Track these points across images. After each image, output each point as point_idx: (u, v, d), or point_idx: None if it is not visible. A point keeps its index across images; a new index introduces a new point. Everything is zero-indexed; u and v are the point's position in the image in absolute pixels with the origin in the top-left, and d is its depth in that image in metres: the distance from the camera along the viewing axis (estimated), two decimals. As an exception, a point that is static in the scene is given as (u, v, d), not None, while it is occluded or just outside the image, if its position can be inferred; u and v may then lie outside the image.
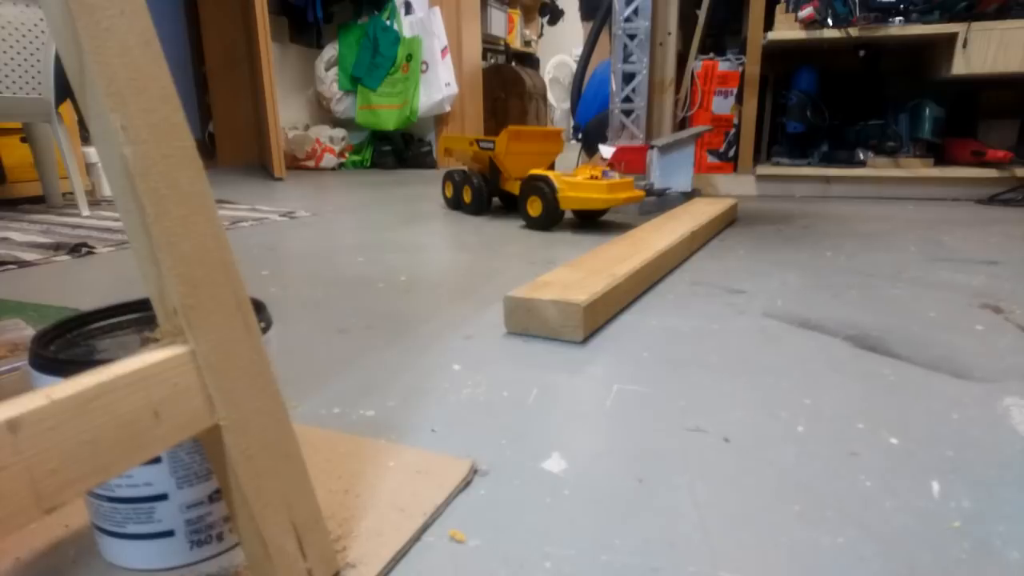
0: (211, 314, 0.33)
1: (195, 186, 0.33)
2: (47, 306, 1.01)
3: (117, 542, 0.40)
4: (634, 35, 2.06)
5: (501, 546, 0.44)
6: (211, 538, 0.41)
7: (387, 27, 3.46)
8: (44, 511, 0.26)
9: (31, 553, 0.43)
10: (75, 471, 0.27)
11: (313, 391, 0.70)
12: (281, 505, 0.36)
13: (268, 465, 0.35)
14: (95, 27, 0.29)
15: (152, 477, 0.38)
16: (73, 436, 0.27)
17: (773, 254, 1.38)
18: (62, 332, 0.41)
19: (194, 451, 0.39)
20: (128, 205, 0.31)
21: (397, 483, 0.50)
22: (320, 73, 3.62)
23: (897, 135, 2.28)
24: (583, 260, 1.07)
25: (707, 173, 2.42)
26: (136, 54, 0.30)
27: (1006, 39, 1.98)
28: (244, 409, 0.34)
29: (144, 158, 0.30)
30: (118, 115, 0.29)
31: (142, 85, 0.30)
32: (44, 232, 1.68)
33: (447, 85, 3.43)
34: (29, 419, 0.25)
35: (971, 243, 1.48)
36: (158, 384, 0.30)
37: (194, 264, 0.32)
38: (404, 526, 0.45)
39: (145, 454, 0.30)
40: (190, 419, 0.32)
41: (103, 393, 0.28)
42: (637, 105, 2.10)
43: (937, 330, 0.88)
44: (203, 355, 0.32)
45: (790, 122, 2.33)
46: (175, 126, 0.32)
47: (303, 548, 0.37)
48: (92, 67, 0.29)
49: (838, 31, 2.10)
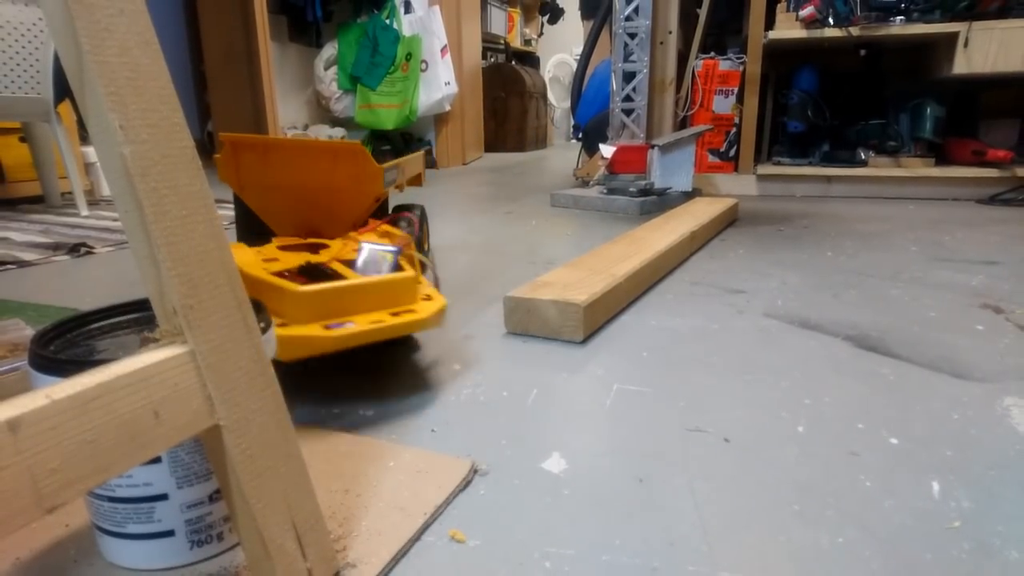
0: (211, 314, 0.33)
1: (194, 186, 0.33)
2: (47, 306, 1.01)
3: (117, 542, 0.40)
4: (635, 34, 2.06)
5: (501, 546, 0.44)
6: (211, 538, 0.41)
7: (387, 26, 3.46)
8: (45, 511, 0.26)
9: (31, 553, 0.43)
10: (76, 471, 0.27)
11: (313, 391, 0.70)
12: (281, 505, 0.36)
13: (268, 465, 0.35)
14: (94, 26, 0.29)
15: (152, 477, 0.38)
16: (73, 436, 0.27)
17: (773, 254, 1.38)
18: (62, 332, 0.41)
19: (194, 451, 0.39)
20: (127, 205, 0.31)
21: (397, 483, 0.50)
22: (319, 72, 3.62)
23: (898, 135, 2.28)
24: (583, 260, 1.07)
25: (708, 173, 2.42)
26: (135, 53, 0.30)
27: (1007, 39, 1.98)
28: (244, 409, 0.34)
29: (143, 158, 0.30)
30: (117, 115, 0.30)
31: (141, 85, 0.31)
32: (43, 232, 1.68)
33: (447, 84, 3.43)
34: (29, 419, 0.25)
35: (971, 243, 1.48)
36: (158, 384, 0.30)
37: (193, 264, 0.32)
38: (404, 526, 0.45)
39: (145, 454, 0.30)
40: (190, 419, 0.32)
41: (103, 393, 0.28)
42: (637, 104, 2.10)
43: (937, 330, 0.88)
44: (203, 355, 0.32)
45: (791, 121, 2.33)
46: (174, 126, 0.32)
47: (303, 548, 0.37)
48: (91, 67, 0.29)
49: (839, 30, 2.10)
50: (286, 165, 0.94)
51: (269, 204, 0.99)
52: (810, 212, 1.97)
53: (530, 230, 1.69)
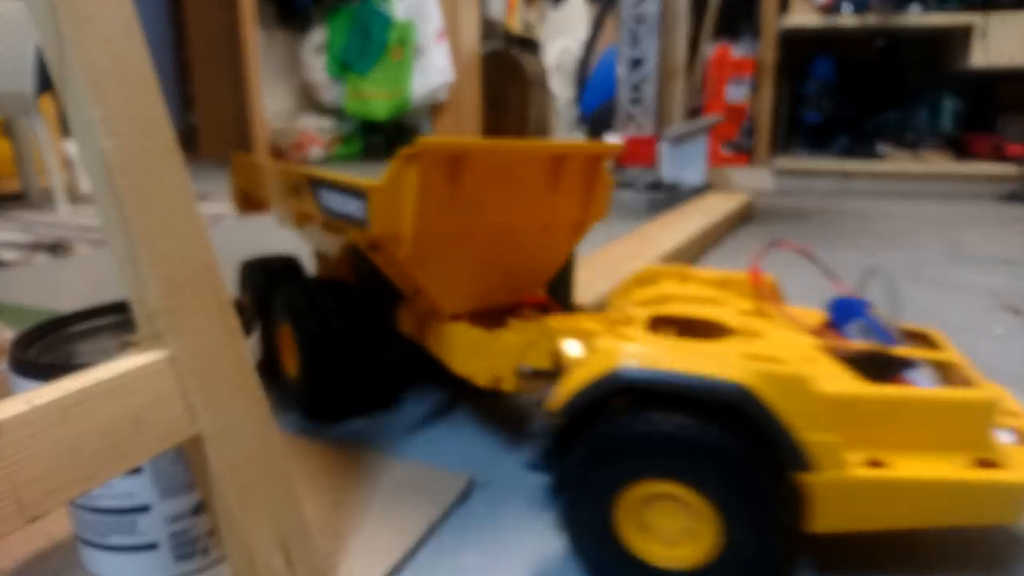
0: (192, 317, 0.33)
1: (176, 181, 0.33)
2: (26, 308, 1.01)
3: (100, 554, 0.40)
4: (642, 19, 2.06)
5: (500, 563, 0.45)
6: (196, 552, 0.41)
7: (379, 10, 3.45)
8: (27, 520, 0.26)
9: (13, 564, 0.43)
10: (58, 479, 0.27)
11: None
12: (268, 519, 0.36)
13: (254, 477, 0.35)
14: (77, 16, 0.29)
15: (134, 488, 0.39)
16: (55, 443, 0.27)
17: (789, 253, 1.38)
18: (41, 335, 0.42)
19: (177, 461, 0.39)
20: (106, 201, 0.31)
21: (390, 497, 0.51)
22: (308, 60, 3.62)
23: (916, 127, 2.29)
24: (588, 259, 1.07)
25: (721, 166, 2.42)
26: (119, 43, 0.31)
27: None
28: (228, 417, 0.34)
29: (123, 152, 0.31)
30: (99, 107, 0.30)
31: (124, 76, 0.31)
32: (23, 229, 1.68)
33: (442, 72, 3.43)
34: (10, 425, 0.26)
35: (991, 242, 1.49)
36: (138, 391, 0.30)
37: (175, 264, 0.32)
38: (398, 542, 0.45)
39: (126, 463, 0.30)
40: (170, 428, 0.32)
41: (84, 399, 0.28)
42: (646, 94, 2.10)
43: (956, 332, 0.88)
44: (184, 360, 0.32)
45: (808, 112, 2.34)
46: (156, 119, 0.32)
47: (291, 564, 0.37)
48: (73, 57, 0.29)
49: (855, 18, 2.10)
50: (490, 187, 0.53)
51: (452, 259, 0.56)
52: (828, 208, 1.97)
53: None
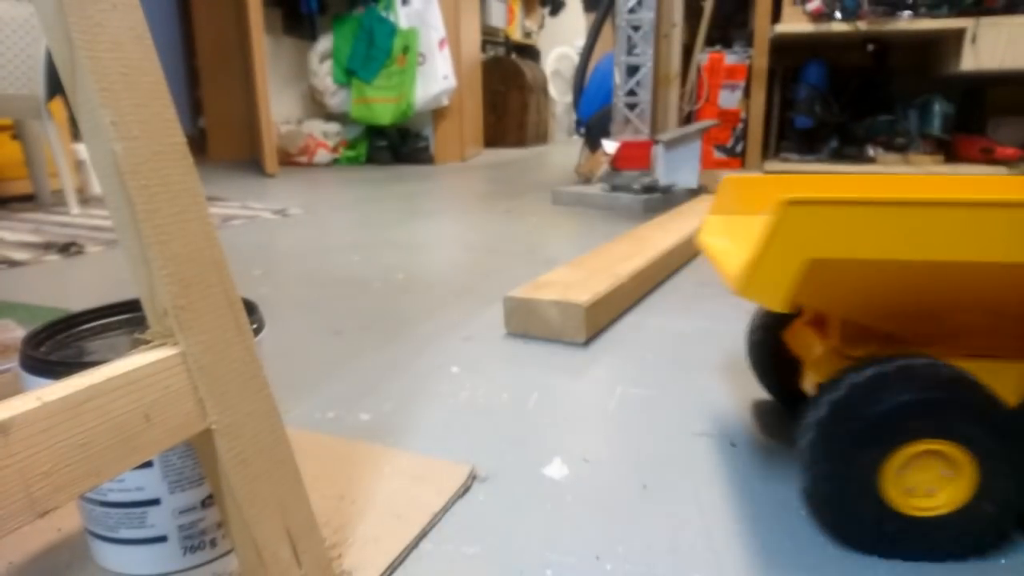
0: (202, 315, 0.33)
1: (186, 183, 0.33)
2: (37, 307, 1.01)
3: (110, 547, 0.40)
4: (638, 27, 2.06)
5: (501, 554, 0.44)
6: (204, 544, 0.41)
7: (383, 18, 3.46)
8: (38, 514, 0.26)
9: (24, 557, 0.43)
10: (68, 474, 0.27)
11: (307, 394, 0.70)
12: (275, 511, 0.36)
13: (261, 470, 0.35)
14: (87, 21, 0.29)
15: (144, 481, 0.39)
16: (65, 439, 0.27)
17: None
18: (53, 333, 0.42)
19: (186, 455, 0.39)
20: (118, 203, 0.31)
21: (394, 489, 0.51)
22: (314, 66, 3.62)
23: (906, 131, 2.29)
24: (585, 259, 1.07)
25: (714, 169, 2.42)
26: (128, 49, 0.31)
27: (1015, 35, 1.99)
28: (236, 412, 0.34)
29: (134, 154, 0.31)
30: (109, 111, 0.30)
31: (134, 80, 0.31)
32: (34, 231, 1.68)
33: (445, 78, 3.43)
34: (21, 421, 0.26)
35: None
36: (149, 387, 0.30)
37: (185, 263, 0.32)
38: (401, 533, 0.45)
39: (137, 458, 0.30)
40: (181, 422, 0.32)
41: (95, 395, 0.28)
42: (641, 99, 2.10)
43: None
44: (194, 357, 0.32)
45: (799, 116, 2.34)
46: (166, 122, 0.32)
47: (297, 555, 0.37)
48: (84, 62, 0.29)
49: (846, 24, 2.10)
50: None
51: None
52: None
53: (531, 228, 1.70)
